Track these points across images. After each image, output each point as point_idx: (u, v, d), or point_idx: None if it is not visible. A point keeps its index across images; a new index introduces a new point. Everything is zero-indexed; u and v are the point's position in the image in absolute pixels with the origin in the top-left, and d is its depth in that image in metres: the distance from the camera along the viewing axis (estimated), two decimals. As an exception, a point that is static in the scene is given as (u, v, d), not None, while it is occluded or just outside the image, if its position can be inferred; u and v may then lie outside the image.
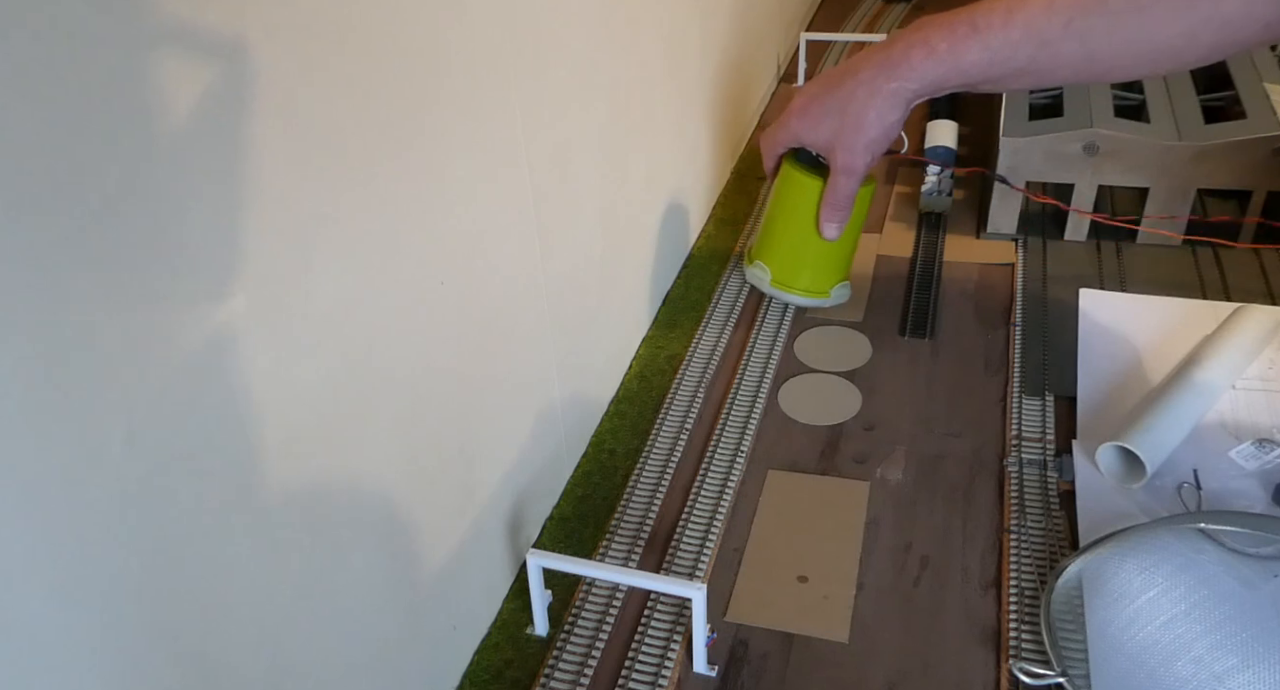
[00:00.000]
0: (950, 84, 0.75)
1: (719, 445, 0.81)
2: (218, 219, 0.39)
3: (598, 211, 0.80)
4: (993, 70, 0.73)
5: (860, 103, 0.77)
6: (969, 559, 0.71)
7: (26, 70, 0.31)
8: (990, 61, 0.72)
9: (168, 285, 0.37)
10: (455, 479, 0.62)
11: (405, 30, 0.50)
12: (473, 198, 0.59)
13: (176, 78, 0.36)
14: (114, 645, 0.38)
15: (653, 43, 0.89)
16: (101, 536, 0.36)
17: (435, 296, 0.57)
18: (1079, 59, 0.70)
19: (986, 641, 0.65)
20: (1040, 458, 0.78)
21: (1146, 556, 0.61)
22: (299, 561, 0.48)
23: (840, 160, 0.81)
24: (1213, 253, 1.00)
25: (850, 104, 0.78)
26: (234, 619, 0.44)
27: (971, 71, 0.73)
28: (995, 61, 0.72)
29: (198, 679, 0.42)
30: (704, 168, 1.11)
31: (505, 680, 0.65)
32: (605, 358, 0.86)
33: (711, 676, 0.64)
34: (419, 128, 0.53)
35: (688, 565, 0.71)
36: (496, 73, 0.60)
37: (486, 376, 0.64)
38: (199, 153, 0.38)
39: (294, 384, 0.45)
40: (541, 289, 0.71)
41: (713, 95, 1.11)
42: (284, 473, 0.46)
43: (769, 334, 0.94)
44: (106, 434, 0.36)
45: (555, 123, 0.70)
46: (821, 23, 1.66)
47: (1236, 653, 0.56)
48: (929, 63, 0.74)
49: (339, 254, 0.47)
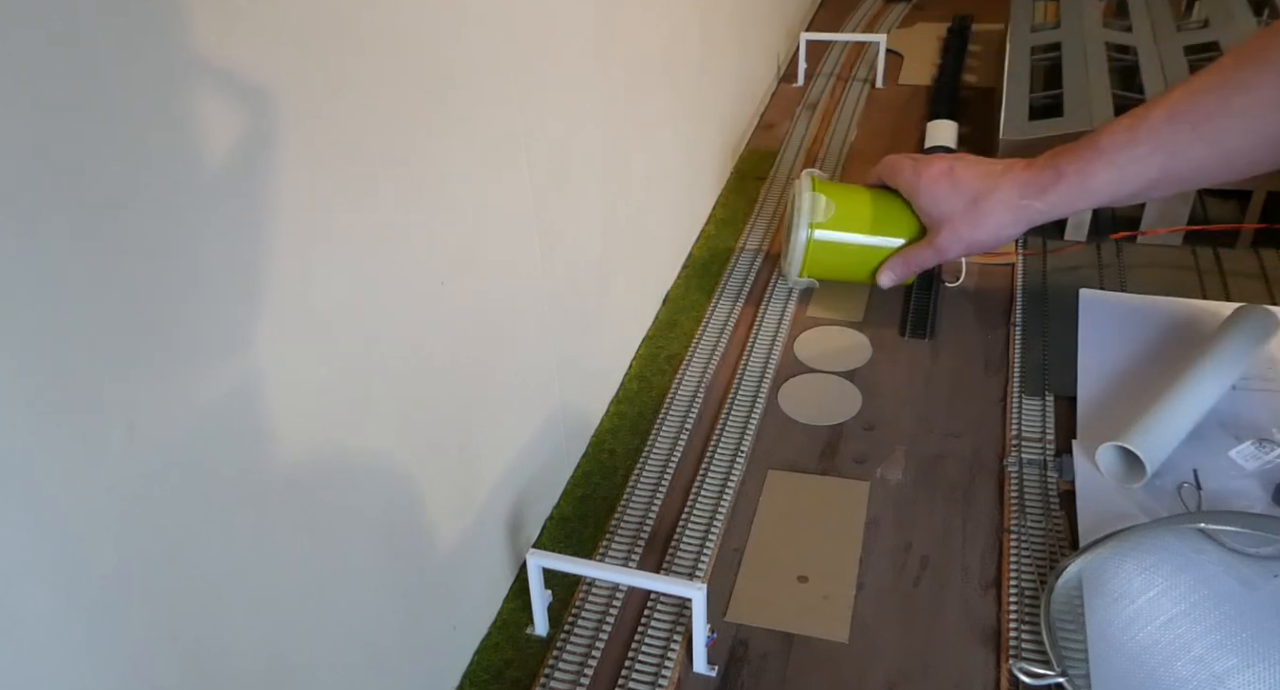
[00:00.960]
0: (1082, 205, 0.80)
1: (719, 445, 0.81)
2: (220, 220, 0.39)
3: (598, 211, 0.80)
4: (1124, 186, 0.75)
5: (992, 203, 0.82)
6: (969, 559, 0.71)
7: (33, 74, 0.31)
8: (1120, 178, 0.75)
9: (169, 285, 0.37)
10: (455, 479, 0.62)
11: (406, 32, 0.50)
12: (473, 198, 0.59)
13: (176, 77, 0.36)
14: (113, 645, 0.38)
15: (652, 43, 0.89)
16: (101, 537, 0.36)
17: (435, 296, 0.57)
18: (1215, 161, 0.72)
19: (986, 641, 0.65)
20: (1040, 458, 0.78)
21: (1146, 556, 0.61)
22: (299, 562, 0.48)
23: (942, 240, 0.86)
24: (1213, 253, 1.00)
25: (983, 201, 0.82)
26: (233, 619, 0.44)
27: (1102, 191, 0.77)
28: (1125, 178, 0.75)
29: (198, 678, 0.42)
30: (704, 168, 1.11)
31: (505, 680, 0.65)
32: (605, 358, 0.86)
33: (711, 676, 0.64)
34: (420, 128, 0.53)
35: (688, 565, 0.71)
36: (497, 74, 0.60)
37: (486, 376, 0.64)
38: (200, 154, 0.38)
39: (294, 384, 0.45)
40: (542, 289, 0.71)
41: (713, 95, 1.11)
42: (284, 473, 0.46)
43: (769, 334, 0.94)
44: (106, 434, 0.36)
45: (555, 123, 0.70)
46: (821, 23, 1.66)
47: (1236, 653, 0.56)
48: (1060, 186, 0.78)
49: (339, 254, 0.47)
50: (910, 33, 1.58)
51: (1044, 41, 1.24)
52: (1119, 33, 1.25)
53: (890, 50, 1.47)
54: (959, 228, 0.84)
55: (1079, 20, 1.27)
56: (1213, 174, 0.75)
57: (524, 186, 0.66)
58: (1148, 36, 1.22)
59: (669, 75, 0.95)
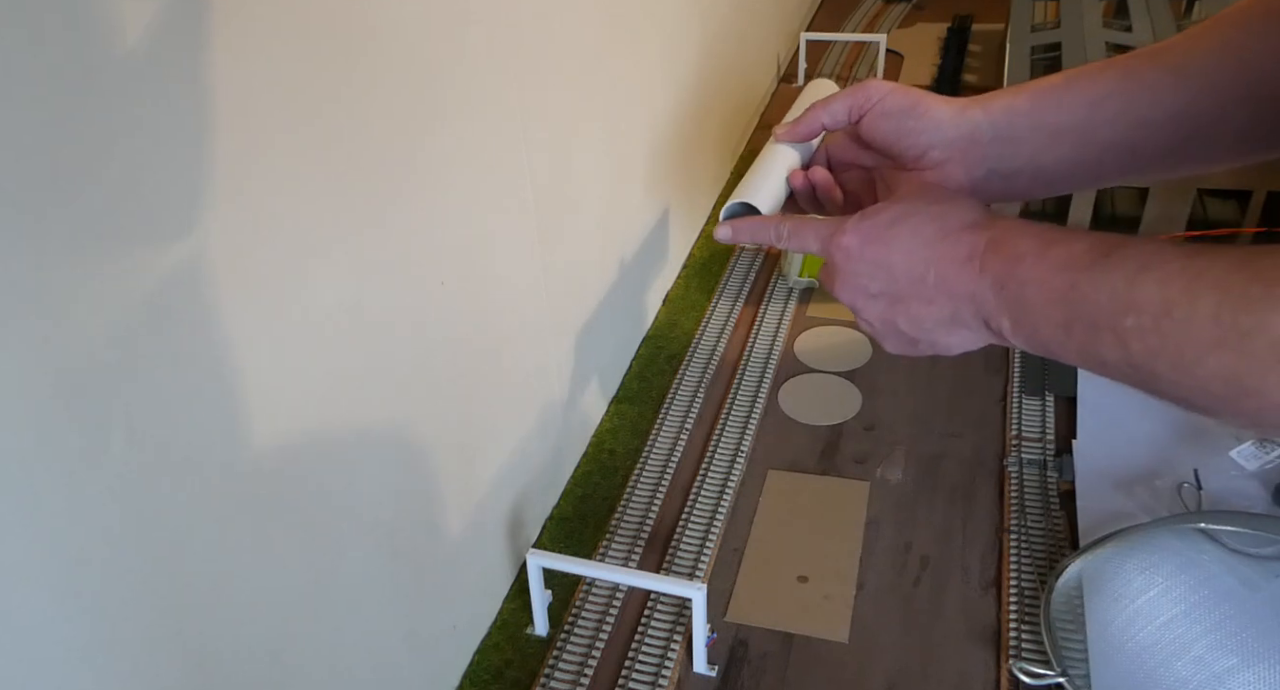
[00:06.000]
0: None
1: (719, 445, 0.81)
2: (224, 223, 0.39)
3: (598, 213, 0.80)
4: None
5: (947, 326, 0.54)
6: (969, 559, 0.71)
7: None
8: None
9: (172, 287, 0.37)
10: (455, 479, 0.62)
11: (406, 33, 0.50)
12: (474, 200, 0.59)
13: (179, 78, 0.36)
14: (114, 645, 0.38)
15: (653, 44, 0.89)
16: (101, 537, 0.36)
17: (436, 298, 0.57)
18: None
19: (986, 641, 0.65)
20: (1040, 458, 0.78)
21: (1147, 556, 0.61)
22: (299, 562, 0.48)
23: (851, 307, 0.56)
24: (1213, 253, 1.00)
25: (931, 309, 0.53)
26: (234, 619, 0.44)
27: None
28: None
29: (198, 677, 0.42)
30: (704, 168, 1.11)
31: (505, 680, 0.65)
32: (605, 357, 0.86)
33: (711, 676, 0.64)
34: (423, 131, 0.52)
35: (688, 565, 0.71)
36: (499, 76, 0.60)
37: (487, 377, 0.64)
38: (202, 155, 0.38)
39: (295, 384, 0.45)
40: (542, 290, 0.71)
41: (713, 95, 1.11)
42: (285, 473, 0.46)
43: (769, 334, 0.93)
44: (107, 435, 0.36)
45: (556, 125, 0.70)
46: (821, 23, 1.66)
47: (1236, 653, 0.56)
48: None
49: (341, 256, 0.47)
50: (910, 33, 1.58)
51: (1044, 41, 1.24)
52: (1119, 33, 1.25)
53: (890, 50, 1.47)
54: (893, 322, 0.54)
55: (1079, 20, 1.27)
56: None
57: (524, 188, 0.66)
58: (1148, 37, 1.22)
59: (669, 76, 0.95)
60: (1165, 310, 0.42)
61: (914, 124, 0.59)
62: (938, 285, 0.53)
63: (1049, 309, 0.48)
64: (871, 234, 0.54)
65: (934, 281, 0.53)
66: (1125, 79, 0.56)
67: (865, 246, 0.54)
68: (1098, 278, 0.45)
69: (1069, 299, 0.46)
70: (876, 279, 0.54)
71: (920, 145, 0.59)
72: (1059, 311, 0.47)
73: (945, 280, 0.52)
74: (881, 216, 0.55)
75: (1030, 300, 0.48)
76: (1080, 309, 0.46)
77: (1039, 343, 0.48)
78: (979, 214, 0.53)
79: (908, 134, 0.59)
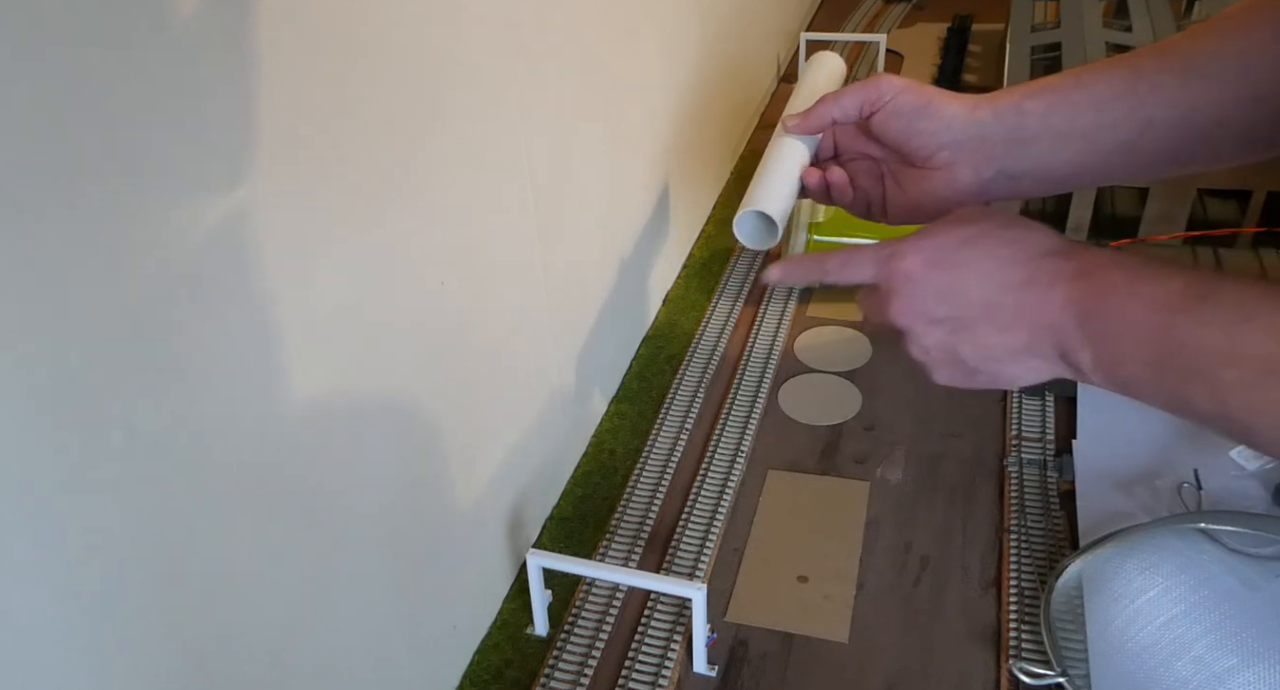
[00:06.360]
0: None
1: (719, 445, 0.81)
2: (223, 223, 0.39)
3: (597, 212, 0.80)
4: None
5: (1018, 357, 0.51)
6: (969, 559, 0.71)
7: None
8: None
9: (173, 287, 0.37)
10: (455, 479, 0.62)
11: (407, 35, 0.50)
12: (474, 199, 0.59)
13: (179, 79, 0.36)
14: (114, 645, 0.38)
15: (652, 43, 0.89)
16: (101, 538, 0.36)
17: (436, 297, 0.57)
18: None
19: (986, 641, 0.65)
20: (1040, 458, 0.78)
21: (1147, 556, 0.61)
22: (299, 562, 0.48)
23: (907, 333, 0.53)
24: (1213, 253, 1.00)
25: (1005, 338, 0.51)
26: (235, 619, 0.44)
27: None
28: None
29: (198, 677, 0.42)
30: (704, 168, 1.11)
31: (505, 680, 0.65)
32: (605, 358, 0.86)
33: (711, 676, 0.64)
34: (422, 130, 0.52)
35: (688, 565, 0.71)
36: (498, 76, 0.60)
37: (486, 377, 0.64)
38: (203, 156, 0.38)
39: (295, 384, 0.45)
40: (542, 289, 0.71)
41: (713, 96, 1.11)
42: (285, 473, 0.46)
43: (769, 334, 0.94)
44: (106, 436, 0.36)
45: (555, 124, 0.70)
46: (821, 23, 1.66)
47: (1236, 653, 0.56)
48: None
49: (341, 255, 0.47)
50: (910, 33, 1.58)
51: (1044, 41, 1.24)
52: (1119, 33, 1.25)
53: (890, 50, 1.47)
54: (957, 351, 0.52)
55: (1079, 20, 1.27)
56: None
57: (524, 188, 0.66)
58: (1148, 37, 1.22)
59: (669, 76, 0.95)
60: (1270, 367, 0.40)
61: (925, 125, 0.59)
62: (1017, 313, 0.49)
63: (1138, 348, 0.45)
64: (938, 257, 0.51)
65: (1012, 309, 0.49)
66: (1133, 80, 0.55)
67: (931, 270, 0.51)
68: (1195, 323, 0.43)
69: (1162, 342, 0.44)
70: (944, 304, 0.51)
71: (930, 146, 0.59)
72: (1148, 352, 0.44)
73: (1025, 308, 0.49)
74: (949, 237, 0.51)
75: (1118, 336, 0.46)
76: (1174, 354, 0.43)
77: (1120, 380, 0.46)
78: (1058, 240, 0.50)
79: (918, 134, 0.59)
